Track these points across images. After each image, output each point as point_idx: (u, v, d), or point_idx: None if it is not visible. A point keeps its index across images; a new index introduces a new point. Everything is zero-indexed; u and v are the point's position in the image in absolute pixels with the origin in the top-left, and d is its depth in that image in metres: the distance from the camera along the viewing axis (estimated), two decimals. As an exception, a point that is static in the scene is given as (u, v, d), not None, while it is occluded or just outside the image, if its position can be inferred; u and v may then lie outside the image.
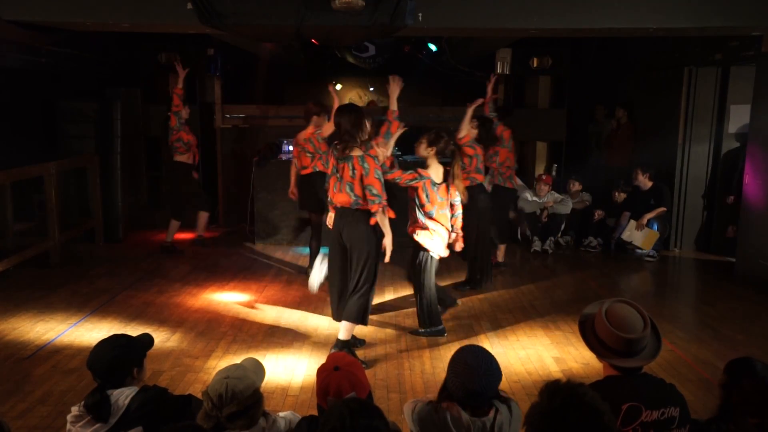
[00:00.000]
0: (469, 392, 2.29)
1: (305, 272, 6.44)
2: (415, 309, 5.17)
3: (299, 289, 6.26)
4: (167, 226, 7.50)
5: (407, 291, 6.16)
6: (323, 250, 5.21)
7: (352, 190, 4.35)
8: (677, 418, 2.24)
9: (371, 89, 12.87)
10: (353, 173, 4.33)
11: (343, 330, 4.50)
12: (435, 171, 4.86)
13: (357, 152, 4.34)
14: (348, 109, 4.49)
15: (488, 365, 2.33)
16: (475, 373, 2.28)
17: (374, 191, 4.30)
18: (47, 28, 5.13)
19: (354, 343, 4.67)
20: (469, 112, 5.86)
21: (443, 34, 7.98)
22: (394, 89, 5.07)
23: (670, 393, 2.32)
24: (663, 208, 7.59)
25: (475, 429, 2.29)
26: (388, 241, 4.48)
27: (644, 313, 2.39)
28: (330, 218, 4.68)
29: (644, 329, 2.34)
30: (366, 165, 4.31)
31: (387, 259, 4.52)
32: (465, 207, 5.12)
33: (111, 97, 8.23)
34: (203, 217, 7.87)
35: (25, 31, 5.06)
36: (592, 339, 2.41)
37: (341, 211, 4.50)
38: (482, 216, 5.88)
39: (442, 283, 5.88)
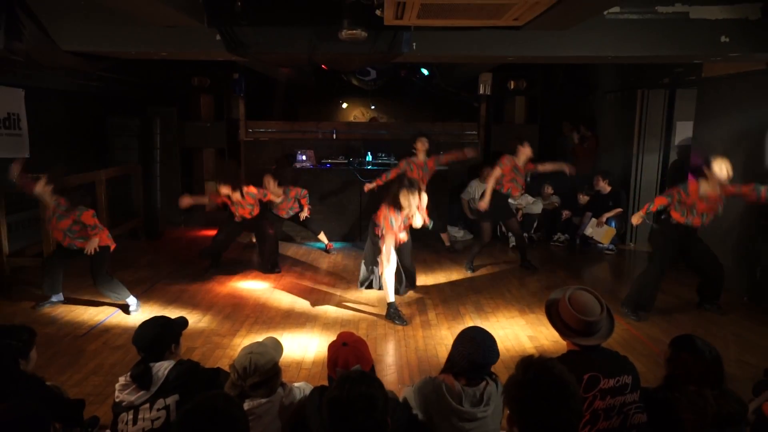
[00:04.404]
0: (472, 363, 2.32)
1: (312, 266, 6.46)
2: (412, 296, 5.13)
3: (311, 279, 6.27)
4: (196, 225, 7.45)
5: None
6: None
7: None
8: (630, 384, 2.26)
9: (372, 107, 12.84)
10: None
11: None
12: None
13: None
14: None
15: (491, 343, 2.40)
16: (480, 347, 2.34)
17: None
18: (98, 56, 5.14)
19: None
20: None
21: (434, 60, 7.98)
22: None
23: (624, 364, 2.33)
24: (620, 209, 7.60)
25: (467, 396, 2.31)
26: None
27: (601, 300, 2.41)
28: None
29: (601, 313, 2.35)
30: None
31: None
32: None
33: (152, 115, 8.25)
34: None
35: (80, 59, 5.07)
36: (557, 321, 2.42)
37: None
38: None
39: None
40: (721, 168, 4.63)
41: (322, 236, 7.46)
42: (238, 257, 7.11)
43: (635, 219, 5.19)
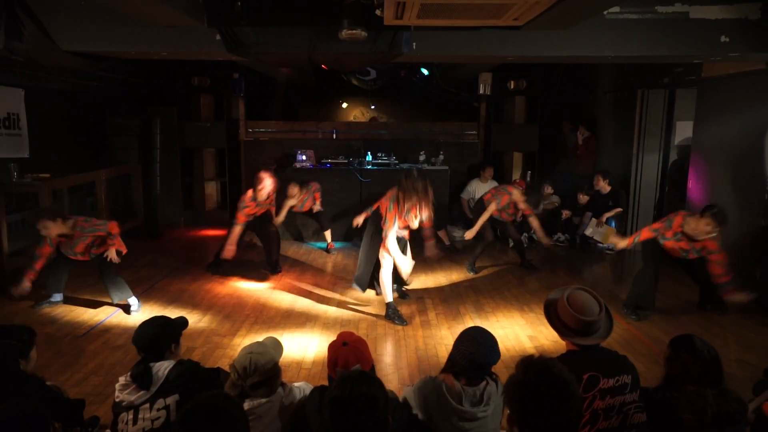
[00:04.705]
0: (473, 363, 2.32)
1: (312, 266, 6.46)
2: (412, 296, 5.14)
3: (311, 279, 6.27)
4: (196, 225, 7.50)
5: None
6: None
7: None
8: (629, 384, 2.25)
9: (372, 107, 12.83)
10: None
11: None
12: None
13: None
14: None
15: (492, 343, 2.38)
16: (482, 348, 2.33)
17: None
18: (99, 56, 5.14)
19: None
20: None
21: (434, 60, 7.98)
22: None
23: (623, 363, 2.33)
24: (620, 209, 7.60)
25: (467, 396, 2.31)
26: None
27: (600, 299, 2.40)
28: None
29: (600, 313, 2.35)
30: None
31: None
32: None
33: (152, 115, 8.24)
34: None
35: (80, 59, 5.07)
36: (556, 321, 2.42)
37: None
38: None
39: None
40: (708, 224, 4.68)
41: (327, 234, 7.48)
42: (238, 257, 7.10)
43: (621, 244, 5.19)
